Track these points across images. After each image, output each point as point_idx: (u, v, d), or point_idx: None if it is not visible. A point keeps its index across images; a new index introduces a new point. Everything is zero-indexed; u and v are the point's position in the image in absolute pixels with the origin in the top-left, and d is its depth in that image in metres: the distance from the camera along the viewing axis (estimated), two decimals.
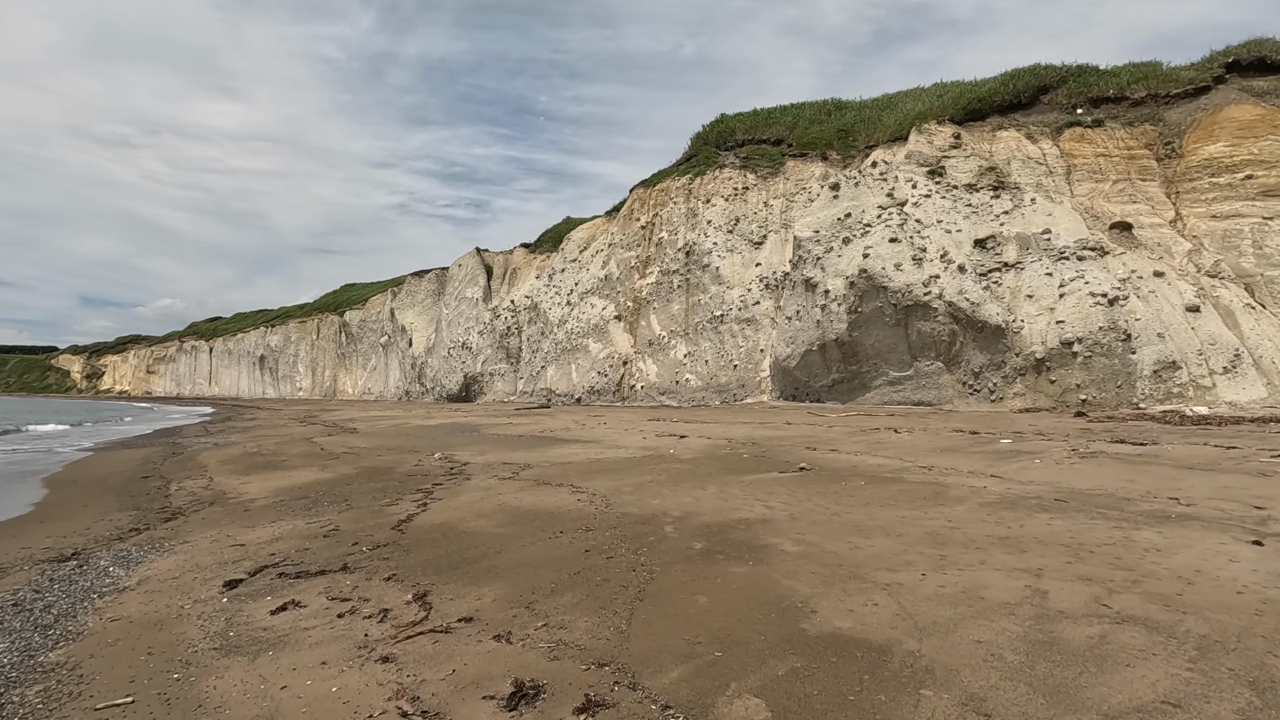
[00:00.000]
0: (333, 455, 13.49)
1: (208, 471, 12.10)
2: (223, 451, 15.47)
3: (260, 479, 10.85)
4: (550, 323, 40.90)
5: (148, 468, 13.12)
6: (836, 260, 22.54)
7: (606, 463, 10.71)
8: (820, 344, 22.54)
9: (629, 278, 35.70)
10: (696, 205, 32.77)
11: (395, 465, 11.64)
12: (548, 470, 10.10)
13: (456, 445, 14.57)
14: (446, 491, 8.62)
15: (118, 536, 7.20)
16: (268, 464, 12.65)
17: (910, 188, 24.44)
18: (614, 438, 14.90)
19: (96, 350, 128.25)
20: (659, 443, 13.43)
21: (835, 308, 21.96)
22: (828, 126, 32.99)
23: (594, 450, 12.55)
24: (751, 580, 4.51)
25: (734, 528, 6.01)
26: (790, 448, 11.89)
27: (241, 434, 22.95)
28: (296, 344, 79.20)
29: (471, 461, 11.56)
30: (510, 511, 7.09)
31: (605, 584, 4.57)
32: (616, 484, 8.56)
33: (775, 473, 9.11)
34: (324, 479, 10.46)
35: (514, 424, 20.53)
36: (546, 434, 16.64)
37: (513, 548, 5.66)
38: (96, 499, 9.84)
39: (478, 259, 51.41)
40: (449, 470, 10.66)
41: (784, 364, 24.06)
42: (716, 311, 30.09)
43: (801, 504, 6.96)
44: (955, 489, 7.48)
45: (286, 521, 7.36)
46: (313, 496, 8.91)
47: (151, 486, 10.71)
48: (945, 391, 20.25)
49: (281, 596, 4.74)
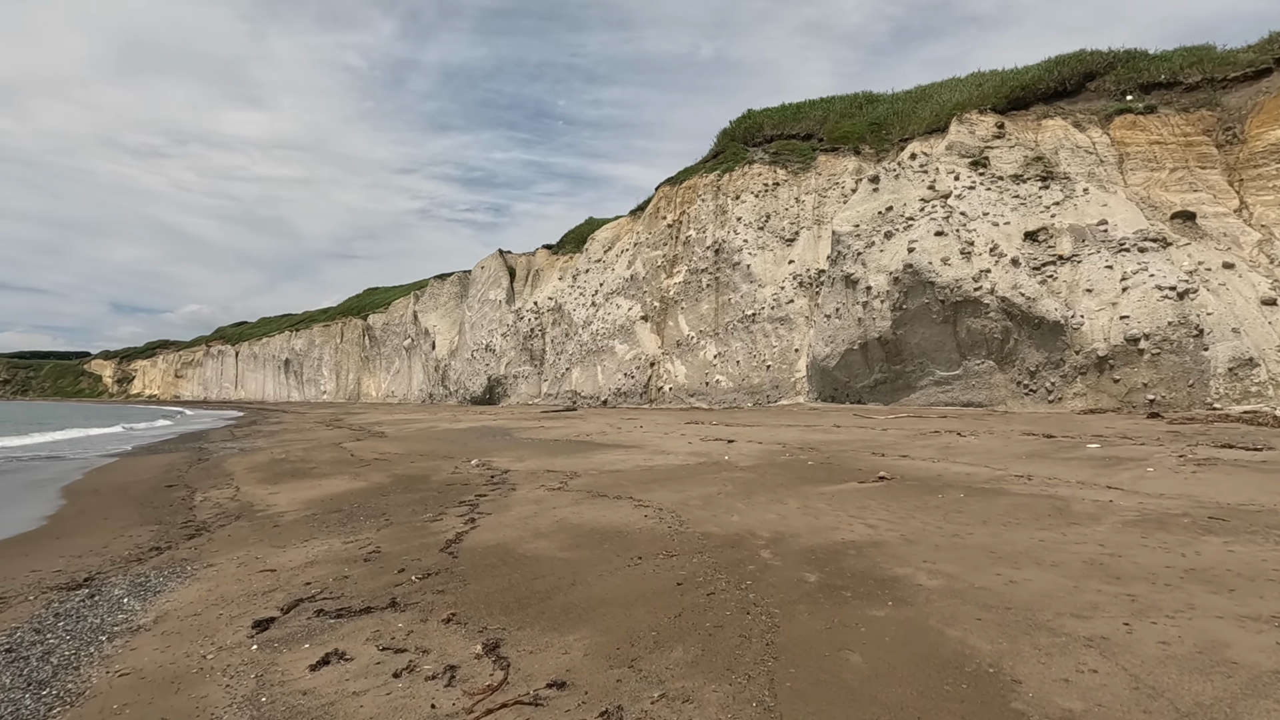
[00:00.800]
0: (363, 462, 12.73)
1: (234, 480, 11.38)
2: (249, 458, 14.80)
3: (289, 489, 10.08)
4: (575, 324, 40.13)
5: (172, 475, 12.45)
6: (878, 255, 21.46)
7: (660, 471, 9.80)
8: (862, 343, 21.47)
9: (655, 277, 34.82)
10: (725, 202, 31.80)
11: (431, 473, 10.84)
12: (599, 480, 9.22)
13: (491, 451, 13.75)
14: (493, 504, 7.76)
15: (136, 557, 6.43)
16: (296, 471, 11.91)
17: (953, 179, 23.29)
18: (656, 442, 14.00)
19: (127, 355, 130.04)
20: (707, 448, 12.50)
21: (878, 305, 20.88)
22: (859, 120, 31.87)
23: (640, 456, 11.65)
24: (904, 629, 3.58)
25: (843, 553, 5.07)
26: (854, 453, 10.90)
27: (267, 439, 22.38)
28: (321, 348, 79.35)
29: (512, 469, 10.71)
30: (572, 530, 6.21)
31: (719, 632, 3.66)
32: (681, 496, 7.65)
33: (854, 483, 8.15)
34: (357, 489, 9.67)
35: (545, 427, 19.71)
36: (582, 438, 15.78)
37: (588, 578, 4.77)
38: (117, 511, 9.12)
39: (500, 261, 50.83)
40: (490, 479, 9.82)
41: (822, 364, 23.01)
42: (748, 311, 29.09)
43: (906, 522, 6.00)
44: (1077, 503, 6.47)
45: (320, 540, 6.55)
46: (346, 510, 8.10)
47: (175, 497, 9.99)
48: (997, 392, 19.09)
49: (322, 644, 3.89)
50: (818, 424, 16.75)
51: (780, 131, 33.93)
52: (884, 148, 30.15)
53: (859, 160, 30.08)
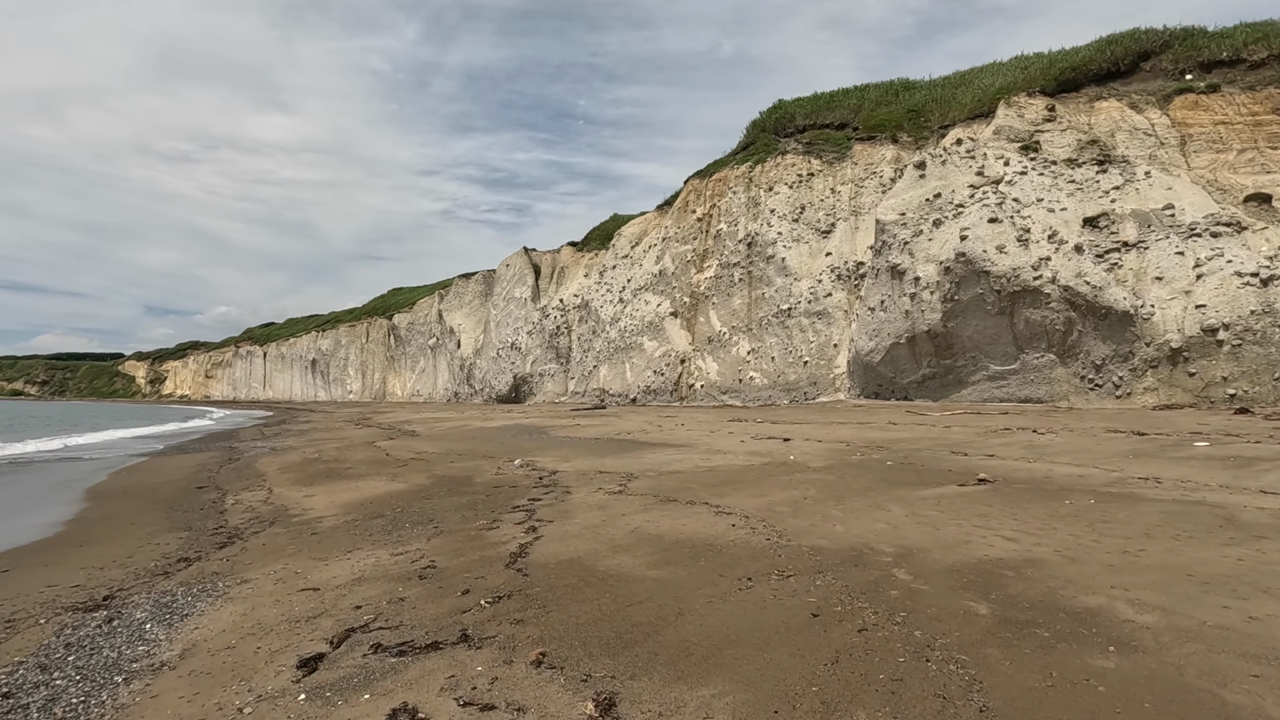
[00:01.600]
0: (400, 462, 12.01)
1: (266, 481, 10.71)
2: (281, 458, 14.18)
3: (325, 490, 9.37)
4: (602, 321, 39.35)
5: (203, 476, 11.83)
6: (927, 244, 20.35)
7: (725, 472, 8.92)
8: (909, 336, 20.38)
9: (685, 272, 33.90)
10: (758, 194, 30.78)
11: (473, 474, 10.07)
12: (660, 482, 8.37)
13: (532, 450, 12.97)
14: (552, 510, 6.94)
15: (163, 570, 5.70)
16: (331, 472, 11.22)
17: (1002, 165, 22.08)
18: (705, 440, 13.12)
19: (159, 357, 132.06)
20: (764, 446, 11.60)
21: (927, 296, 19.78)
22: (896, 107, 30.68)
23: (696, 456, 10.78)
24: (1155, 688, 2.67)
25: (998, 574, 4.16)
26: (931, 453, 9.93)
27: (298, 437, 21.88)
28: (347, 348, 79.56)
29: (560, 470, 9.90)
30: (654, 542, 5.36)
31: (903, 688, 2.78)
32: (762, 501, 6.77)
33: (952, 486, 7.21)
34: (397, 491, 8.92)
35: (581, 425, 18.91)
36: (624, 436, 14.94)
37: (695, 605, 3.91)
38: (145, 515, 8.47)
39: (525, 259, 50.25)
40: (539, 481, 9.02)
41: (866, 359, 21.95)
42: (783, 305, 28.06)
43: (1048, 534, 5.06)
44: (1241, 511, 5.48)
45: (365, 551, 5.78)
46: (390, 515, 7.34)
47: (206, 500, 9.32)
48: (1059, 387, 17.91)
49: (385, 692, 3.08)
50: (870, 421, 15.75)
51: (813, 121, 32.82)
52: (923, 135, 28.95)
53: (897, 148, 28.90)
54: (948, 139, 25.37)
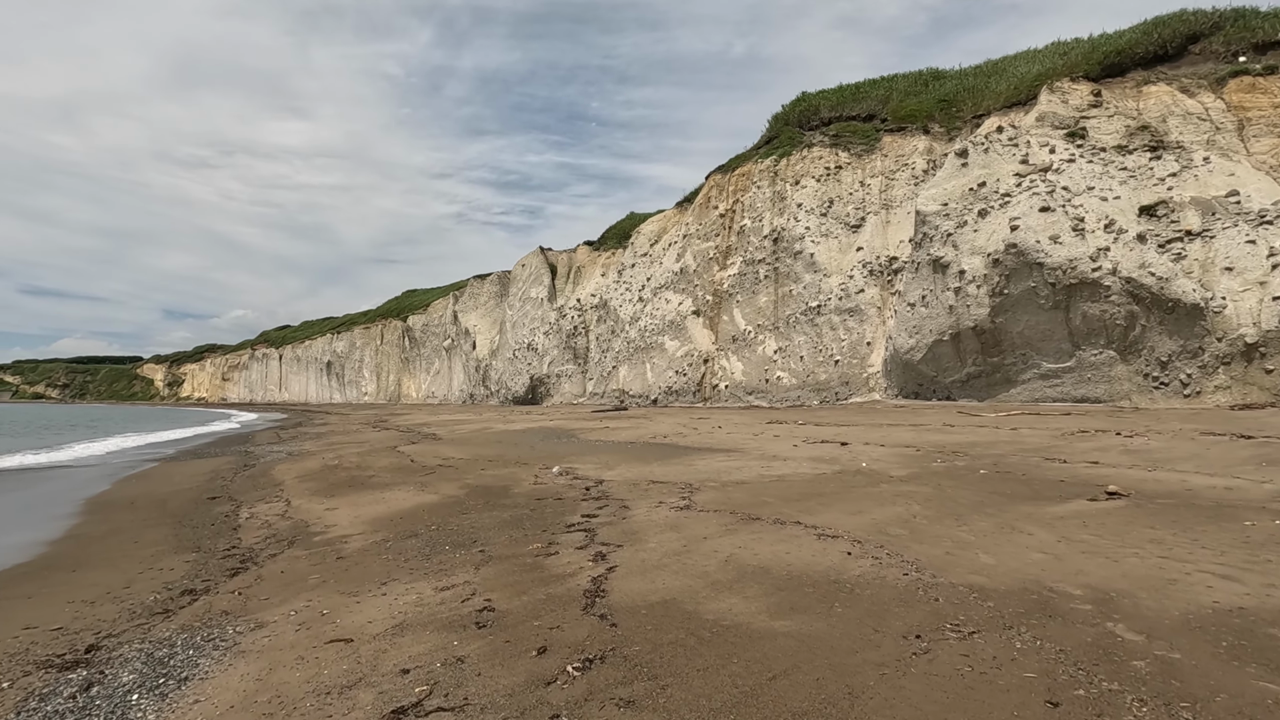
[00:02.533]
0: (427, 469, 11.03)
1: (284, 491, 9.76)
2: (299, 464, 13.24)
3: (348, 503, 8.40)
4: (621, 321, 38.36)
5: (215, 485, 10.91)
6: (972, 236, 19.18)
7: (797, 482, 7.86)
8: (953, 333, 19.21)
9: (707, 270, 32.83)
10: (784, 188, 29.66)
11: (509, 483, 9.07)
12: (728, 495, 7.32)
13: (566, 455, 11.95)
14: (615, 530, 5.91)
15: (163, 607, 4.73)
16: (353, 481, 10.26)
17: (1047, 153, 20.86)
18: (753, 444, 12.06)
19: (176, 360, 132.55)
20: (824, 451, 10.52)
21: (973, 290, 18.61)
22: (926, 97, 29.47)
23: (753, 463, 9.72)
24: None
25: (1262, 633, 3.09)
26: (1020, 459, 8.82)
27: (315, 440, 21.00)
28: (361, 350, 79.08)
29: (607, 479, 8.88)
30: (759, 576, 4.32)
31: None
32: (864, 520, 5.71)
33: (1080, 500, 6.12)
34: (428, 503, 7.93)
35: (610, 428, 17.89)
36: (660, 440, 13.90)
37: (864, 678, 2.86)
38: (150, 531, 7.53)
39: (541, 258, 49.35)
40: (587, 492, 7.99)
41: (905, 357, 20.79)
42: (812, 302, 26.94)
43: (1271, 569, 3.98)
44: None
45: (403, 583, 4.78)
46: (425, 534, 6.34)
47: (218, 514, 8.37)
48: (1119, 385, 16.70)
49: None
50: (923, 422, 14.62)
51: (838, 113, 31.65)
52: (955, 125, 27.73)
53: (929, 139, 27.70)
54: (985, 127, 24.15)
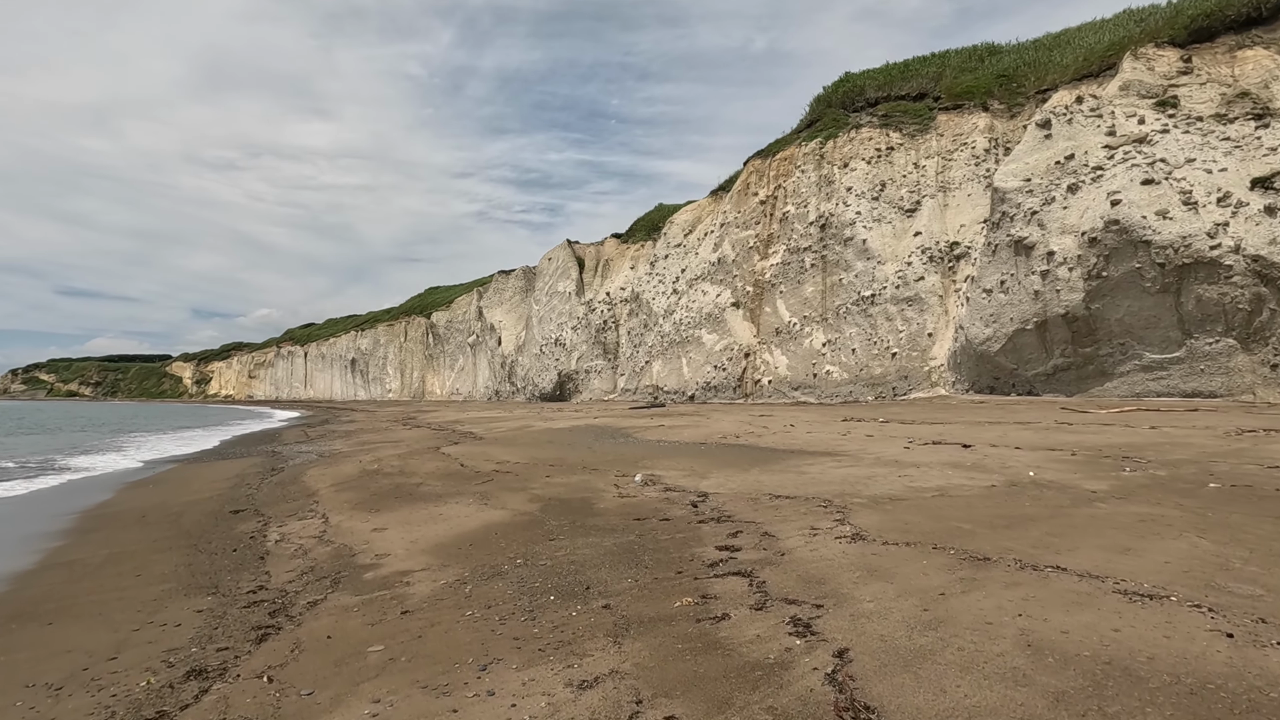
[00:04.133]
0: (482, 475, 9.39)
1: (319, 503, 8.18)
2: (333, 468, 11.67)
3: (399, 520, 6.77)
4: (654, 314, 36.65)
5: (240, 494, 9.37)
6: (1061, 213, 17.19)
7: (970, 499, 6.10)
8: (1038, 321, 17.26)
9: (747, 259, 30.99)
10: (831, 171, 27.73)
11: (589, 495, 7.40)
12: (897, 517, 5.58)
13: (638, 459, 10.27)
14: (784, 575, 4.19)
15: (158, 712, 3.10)
16: (399, 490, 8.65)
17: (1136, 124, 18.79)
18: (856, 447, 10.29)
19: (204, 358, 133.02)
20: (954, 456, 8.74)
21: (1064, 273, 16.64)
22: (983, 73, 27.38)
23: (882, 471, 7.96)
24: None
25: None
26: (1232, 465, 6.98)
27: (345, 439, 19.56)
28: (385, 347, 78.17)
29: (710, 491, 7.17)
30: (1093, 674, 2.58)
31: None
32: (1151, 564, 3.95)
33: None
34: (498, 522, 6.28)
35: (666, 427, 16.18)
36: (734, 440, 12.17)
37: None
38: (158, 560, 5.97)
39: (569, 251, 47.75)
40: (695, 509, 6.30)
41: (980, 348, 18.86)
42: (865, 291, 25.03)
43: None
44: None
45: (511, 667, 3.10)
46: (510, 572, 4.67)
47: (241, 534, 6.79)
48: (1240, 378, 14.68)
49: None
50: (1031, 420, 12.72)
51: (886, 93, 29.63)
52: (1017, 101, 25.67)
53: (990, 116, 25.63)
54: (1061, 98, 22.05)
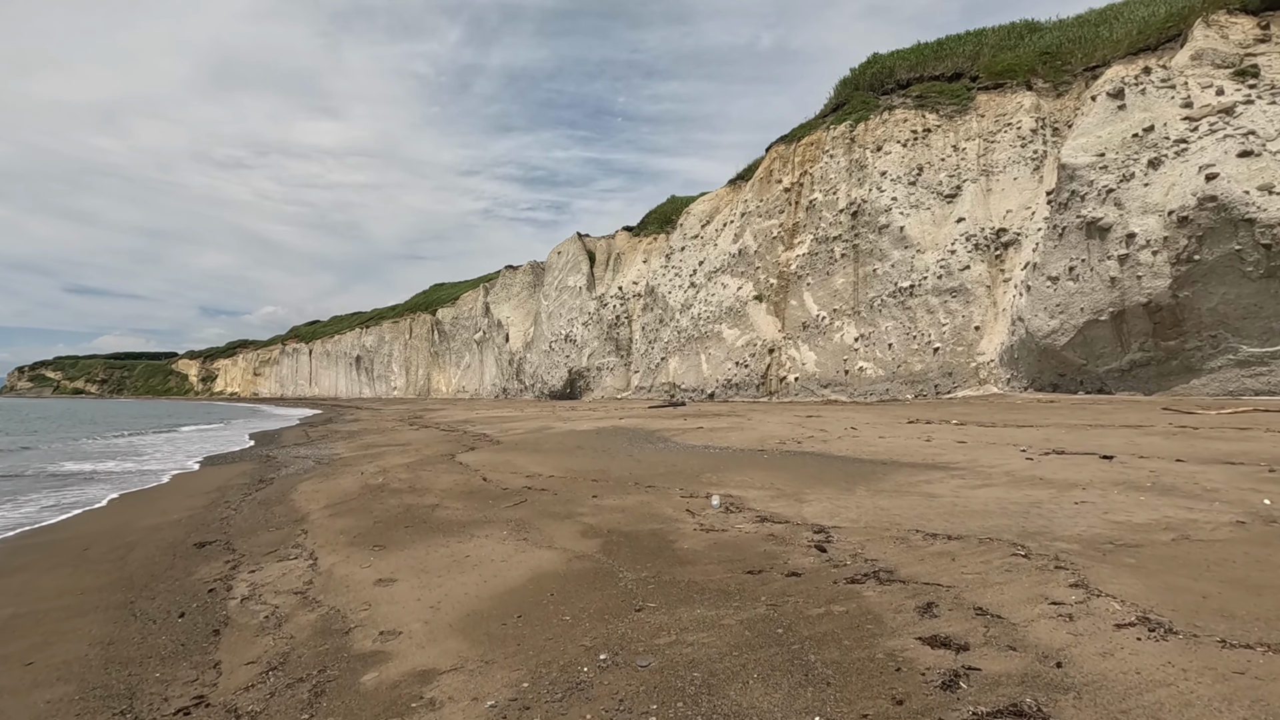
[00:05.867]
0: (512, 493, 7.55)
1: (307, 533, 6.34)
2: (330, 481, 9.82)
3: (413, 566, 4.93)
4: (670, 309, 34.78)
5: (213, 518, 7.54)
6: (1143, 191, 15.29)
7: (1231, 543, 4.25)
8: (1115, 311, 15.38)
9: (770, 250, 29.10)
10: (863, 155, 25.82)
11: (660, 526, 5.56)
12: (1168, 581, 3.72)
13: (697, 472, 8.41)
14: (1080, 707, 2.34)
15: None
16: (410, 515, 6.81)
17: (1214, 94, 16.87)
18: (959, 458, 8.44)
19: (210, 355, 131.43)
20: (1118, 473, 6.89)
21: (1147, 257, 14.76)
22: (1025, 50, 25.44)
23: (1045, 494, 6.11)
24: None
25: None
26: None
27: (347, 441, 17.74)
28: (390, 344, 76.40)
29: (829, 525, 5.32)
30: None
31: None
32: None
33: None
34: (550, 571, 4.44)
35: (705, 429, 14.33)
36: (795, 447, 10.31)
37: None
38: (69, 633, 4.14)
39: (579, 244, 45.87)
40: (825, 555, 4.45)
41: (1044, 342, 16.97)
42: (902, 282, 23.14)
43: None
44: None
45: None
46: (596, 683, 2.83)
47: (199, 585, 4.95)
48: None
49: None
50: (1142, 423, 10.85)
51: (918, 74, 27.68)
52: (1063, 79, 23.74)
53: (1035, 96, 23.70)
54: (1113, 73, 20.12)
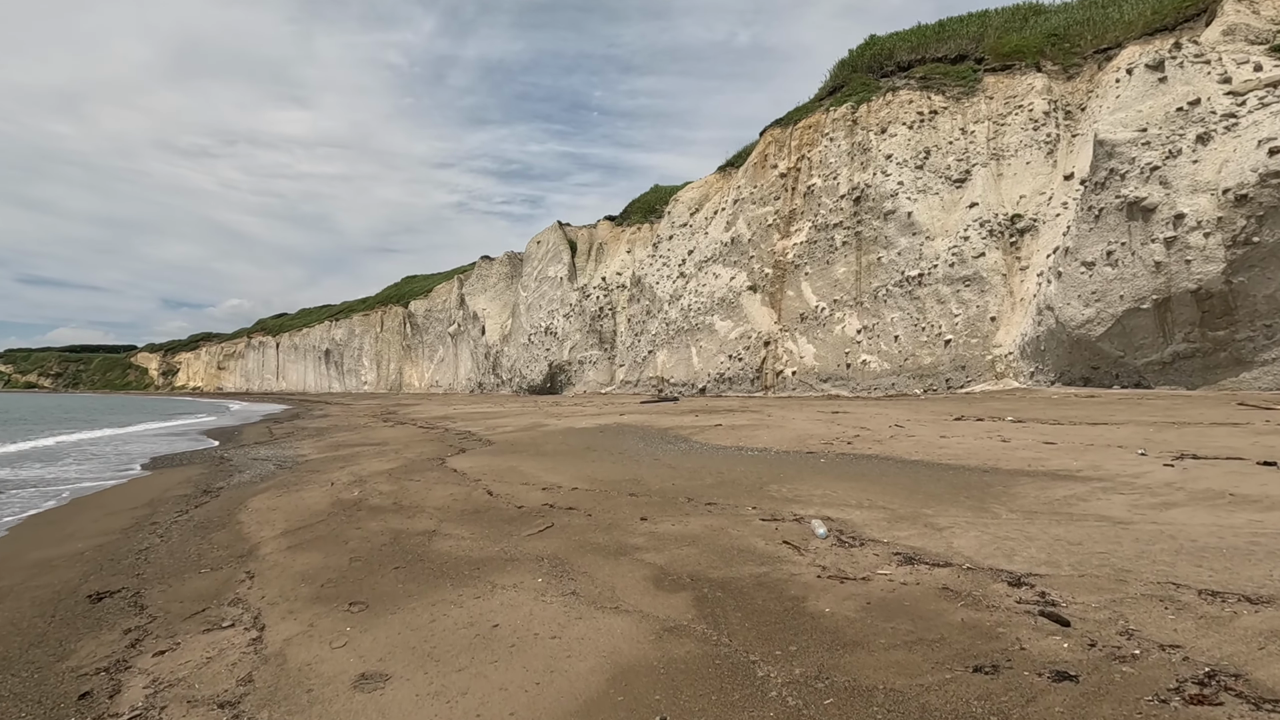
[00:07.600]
0: (530, 514, 5.74)
1: (253, 579, 4.46)
2: (291, 496, 7.85)
3: (414, 651, 3.13)
4: (658, 300, 33.08)
5: (127, 550, 5.57)
6: (1191, 168, 14.06)
7: None
8: (1159, 299, 14.16)
9: (765, 239, 27.57)
10: (866, 138, 24.41)
11: (765, 570, 3.86)
12: None
13: (757, 484, 6.72)
14: None
15: None
16: (399, 548, 4.96)
17: (1251, 70, 15.76)
18: (1073, 464, 6.90)
19: (171, 348, 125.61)
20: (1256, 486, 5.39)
21: (1198, 240, 13.53)
22: (1032, 32, 24.30)
23: (1234, 517, 4.55)
24: None
25: None
26: None
27: (315, 440, 15.64)
28: (361, 337, 73.22)
29: (1020, 571, 3.66)
30: None
31: None
32: None
33: None
34: (634, 664, 2.71)
35: (725, 427, 12.65)
36: (846, 448, 8.69)
37: None
38: None
39: (560, 234, 43.82)
40: (1058, 626, 2.79)
41: (1077, 332, 15.71)
42: (910, 271, 21.80)
43: None
44: None
45: None
46: None
47: (67, 687, 3.07)
48: None
49: None
50: (1223, 420, 9.52)
51: (920, 56, 26.38)
52: (1073, 61, 22.67)
53: (1045, 78, 22.55)
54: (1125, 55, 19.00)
